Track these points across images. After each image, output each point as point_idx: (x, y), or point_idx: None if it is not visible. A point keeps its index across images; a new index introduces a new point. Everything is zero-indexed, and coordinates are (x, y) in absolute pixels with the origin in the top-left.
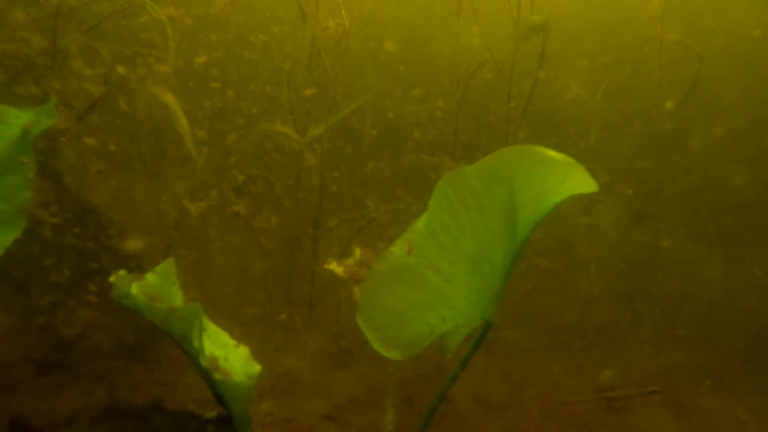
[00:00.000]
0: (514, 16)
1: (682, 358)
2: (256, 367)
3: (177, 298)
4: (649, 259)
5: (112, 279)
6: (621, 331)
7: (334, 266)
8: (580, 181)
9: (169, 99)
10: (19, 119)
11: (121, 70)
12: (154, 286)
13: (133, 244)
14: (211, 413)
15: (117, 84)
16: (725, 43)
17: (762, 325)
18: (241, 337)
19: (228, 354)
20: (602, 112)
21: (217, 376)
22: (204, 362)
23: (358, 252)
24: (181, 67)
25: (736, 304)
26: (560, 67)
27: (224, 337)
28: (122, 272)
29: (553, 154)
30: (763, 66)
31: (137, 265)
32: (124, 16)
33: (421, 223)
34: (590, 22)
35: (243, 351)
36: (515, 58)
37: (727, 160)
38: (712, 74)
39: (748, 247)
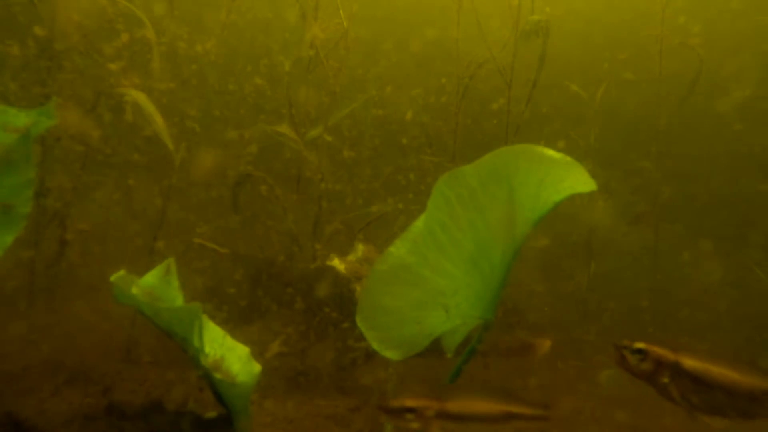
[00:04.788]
0: (514, 16)
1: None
2: (256, 367)
3: (177, 298)
4: (648, 259)
5: (112, 279)
6: (620, 331)
7: (336, 263)
8: (578, 181)
9: (141, 98)
10: (20, 119)
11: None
12: (155, 287)
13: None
14: (211, 413)
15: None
16: (728, 43)
17: (763, 325)
18: (240, 337)
19: (228, 354)
20: (602, 112)
21: (217, 375)
22: (204, 362)
23: (360, 248)
24: (179, 67)
25: (737, 304)
26: (560, 67)
27: (224, 337)
28: (122, 272)
29: (551, 153)
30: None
31: None
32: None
33: (420, 223)
34: (590, 21)
35: (243, 351)
36: (515, 58)
37: (728, 160)
38: (714, 73)
39: (749, 247)
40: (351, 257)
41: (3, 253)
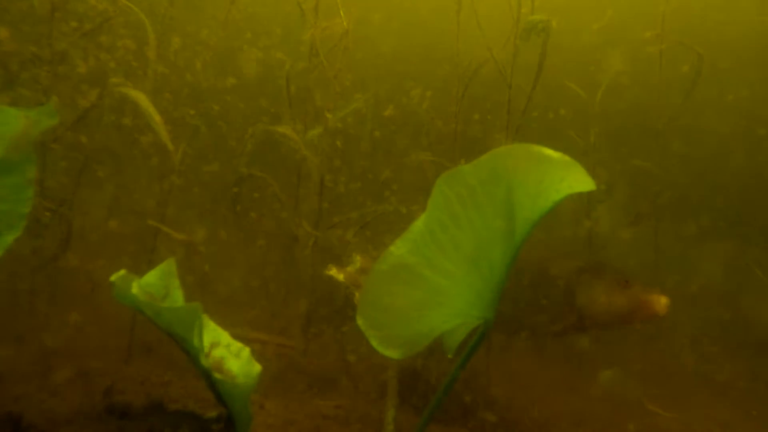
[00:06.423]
0: (515, 16)
1: (682, 358)
2: (256, 367)
3: (177, 298)
4: (648, 259)
5: (112, 279)
6: (619, 332)
7: (335, 272)
8: (578, 180)
9: (139, 97)
10: (20, 119)
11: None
12: (155, 286)
13: None
14: (211, 413)
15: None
16: (728, 43)
17: (763, 326)
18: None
19: (228, 354)
20: (602, 112)
21: (217, 375)
22: (204, 362)
23: (358, 259)
24: (178, 68)
25: (737, 305)
26: (561, 67)
27: (224, 337)
28: (123, 271)
29: (550, 152)
30: (764, 64)
31: None
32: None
33: (420, 222)
34: (590, 21)
35: (243, 351)
36: (515, 58)
37: (728, 160)
38: (714, 73)
39: (749, 247)
40: (350, 268)
41: (3, 253)
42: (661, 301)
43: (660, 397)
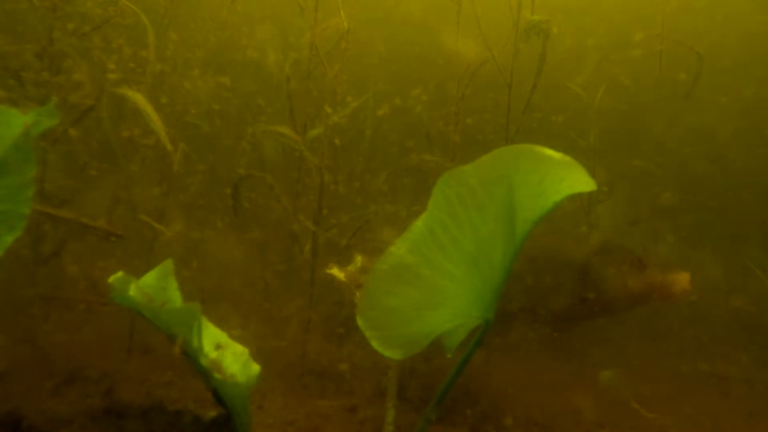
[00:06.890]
0: (515, 16)
1: (681, 359)
2: (256, 367)
3: (176, 298)
4: None
5: (110, 280)
6: (618, 332)
7: (336, 271)
8: (578, 180)
9: (137, 98)
10: (20, 119)
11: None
12: (153, 287)
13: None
14: (211, 413)
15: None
16: (728, 43)
17: (762, 327)
18: (240, 338)
19: (227, 354)
20: (602, 112)
21: (217, 375)
22: (204, 362)
23: (359, 259)
24: (177, 67)
25: (736, 305)
26: (561, 67)
27: (223, 337)
28: (120, 273)
29: (551, 152)
30: (762, 65)
31: None
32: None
33: (420, 222)
34: (590, 21)
35: (242, 351)
36: (515, 58)
37: (727, 160)
38: (714, 73)
39: (748, 248)
40: (351, 267)
41: (3, 253)
42: (682, 279)
43: (659, 396)
